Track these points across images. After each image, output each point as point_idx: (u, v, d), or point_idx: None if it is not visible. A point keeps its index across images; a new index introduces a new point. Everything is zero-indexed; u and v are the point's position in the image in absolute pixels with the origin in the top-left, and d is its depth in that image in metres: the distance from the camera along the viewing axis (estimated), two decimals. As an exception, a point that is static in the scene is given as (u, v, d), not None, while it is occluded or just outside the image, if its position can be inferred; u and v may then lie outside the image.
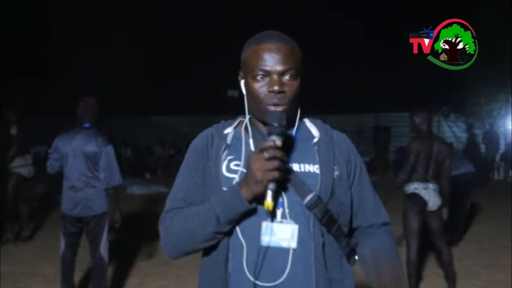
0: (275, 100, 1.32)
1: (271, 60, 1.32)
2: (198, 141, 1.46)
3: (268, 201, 1.23)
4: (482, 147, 15.49)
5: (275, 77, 1.32)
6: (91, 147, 3.99)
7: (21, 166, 6.42)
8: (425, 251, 5.36)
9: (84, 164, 3.98)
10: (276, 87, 1.31)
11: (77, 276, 4.46)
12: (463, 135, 16.71)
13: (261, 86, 1.33)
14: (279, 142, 1.23)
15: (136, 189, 11.30)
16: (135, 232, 6.71)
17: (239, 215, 1.28)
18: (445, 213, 4.31)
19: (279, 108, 1.32)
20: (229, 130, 1.44)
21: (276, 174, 1.22)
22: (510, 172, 14.04)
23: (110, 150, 4.05)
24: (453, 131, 16.76)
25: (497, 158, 14.78)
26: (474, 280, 4.97)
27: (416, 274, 4.42)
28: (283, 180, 1.29)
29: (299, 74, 1.36)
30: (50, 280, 4.84)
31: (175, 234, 1.35)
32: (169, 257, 1.41)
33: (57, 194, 4.29)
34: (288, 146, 1.34)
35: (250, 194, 1.25)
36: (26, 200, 6.51)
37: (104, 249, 4.08)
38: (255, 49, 1.35)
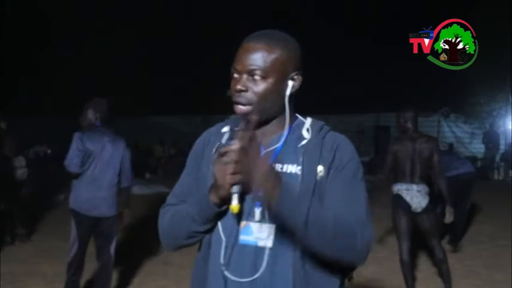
0: (237, 99, 1.34)
1: (243, 59, 1.33)
2: (199, 140, 1.51)
3: (233, 204, 1.24)
4: (481, 147, 15.50)
5: (244, 76, 1.33)
6: (118, 148, 4.04)
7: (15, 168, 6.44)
8: (422, 251, 5.36)
9: (110, 164, 3.99)
10: (237, 86, 1.33)
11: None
12: (463, 135, 16.73)
13: (233, 84, 1.35)
14: (236, 146, 1.23)
15: (137, 189, 11.27)
16: (135, 232, 6.71)
17: (211, 216, 1.32)
18: (449, 213, 4.22)
19: (240, 107, 1.33)
20: (226, 129, 1.45)
21: (236, 177, 1.22)
22: (510, 172, 14.05)
23: (128, 151, 4.19)
24: (453, 131, 16.76)
25: (497, 158, 14.78)
26: (474, 280, 4.97)
27: (412, 274, 4.42)
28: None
29: (272, 75, 1.33)
30: (50, 280, 4.84)
31: (166, 229, 1.44)
32: (166, 249, 1.48)
33: (59, 194, 4.27)
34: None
35: (217, 198, 1.28)
36: (16, 200, 6.48)
37: (113, 249, 4.12)
38: (240, 48, 1.37)
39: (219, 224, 1.35)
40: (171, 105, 18.56)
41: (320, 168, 1.34)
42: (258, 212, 1.32)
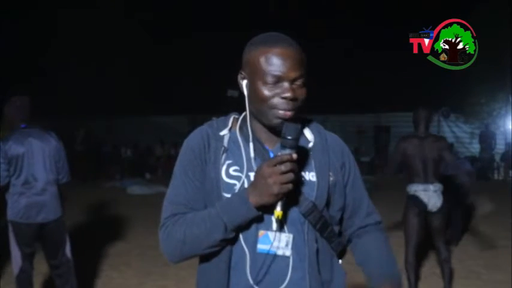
0: (286, 106, 1.30)
1: (284, 66, 1.29)
2: (194, 142, 1.41)
3: (278, 210, 1.26)
4: (476, 147, 15.52)
5: (287, 83, 1.30)
6: (49, 144, 3.79)
7: None
8: (425, 251, 5.36)
9: (43, 163, 3.74)
10: (289, 94, 1.29)
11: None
12: (463, 135, 16.73)
13: (271, 91, 1.30)
14: (295, 156, 1.23)
15: (137, 189, 11.34)
16: (134, 232, 6.72)
17: (246, 222, 1.29)
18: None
19: (288, 113, 1.30)
20: (225, 132, 1.41)
21: (290, 186, 1.23)
22: (510, 172, 14.05)
23: (62, 145, 3.93)
24: (453, 131, 16.76)
25: (498, 158, 14.78)
26: (474, 280, 4.97)
27: (415, 273, 4.43)
28: None
29: (305, 82, 1.34)
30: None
31: (180, 241, 1.32)
32: (172, 261, 1.39)
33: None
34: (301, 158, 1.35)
35: (260, 204, 1.26)
36: None
37: (68, 250, 3.93)
38: (266, 52, 1.30)
39: (240, 234, 1.32)
40: (171, 105, 18.54)
41: (330, 173, 1.39)
42: (275, 221, 1.31)
